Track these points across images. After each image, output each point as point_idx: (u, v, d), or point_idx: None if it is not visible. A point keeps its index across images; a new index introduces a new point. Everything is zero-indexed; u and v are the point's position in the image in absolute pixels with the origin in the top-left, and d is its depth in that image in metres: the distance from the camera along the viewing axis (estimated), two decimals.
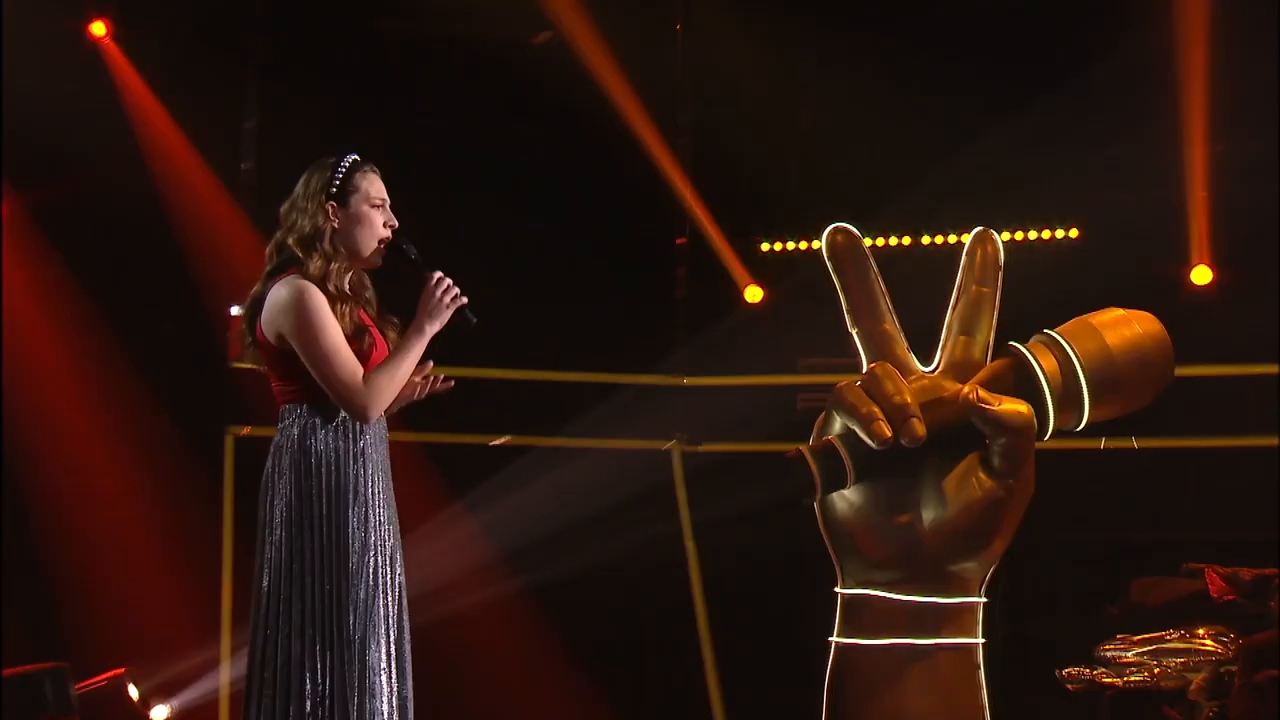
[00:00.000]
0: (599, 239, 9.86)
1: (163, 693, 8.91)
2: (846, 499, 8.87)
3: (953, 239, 9.68)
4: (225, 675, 8.74)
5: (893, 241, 9.85)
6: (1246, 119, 9.32)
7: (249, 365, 4.20)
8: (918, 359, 8.43)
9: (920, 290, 8.32)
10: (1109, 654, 8.89)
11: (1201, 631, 8.93)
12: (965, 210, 9.48)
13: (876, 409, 8.43)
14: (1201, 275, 9.43)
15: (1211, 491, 9.58)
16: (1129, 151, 9.33)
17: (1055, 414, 8.76)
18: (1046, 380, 8.80)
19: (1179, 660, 8.79)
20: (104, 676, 8.72)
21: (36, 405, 9.53)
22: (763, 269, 10.16)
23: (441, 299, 4.09)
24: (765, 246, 10.22)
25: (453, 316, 4.07)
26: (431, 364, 4.34)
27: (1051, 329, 8.88)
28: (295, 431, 4.05)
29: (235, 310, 9.52)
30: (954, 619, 8.57)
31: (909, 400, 8.11)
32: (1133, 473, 9.21)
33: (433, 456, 9.49)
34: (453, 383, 4.33)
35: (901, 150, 9.47)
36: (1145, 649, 8.86)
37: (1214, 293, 9.41)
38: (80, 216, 9.44)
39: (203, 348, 9.52)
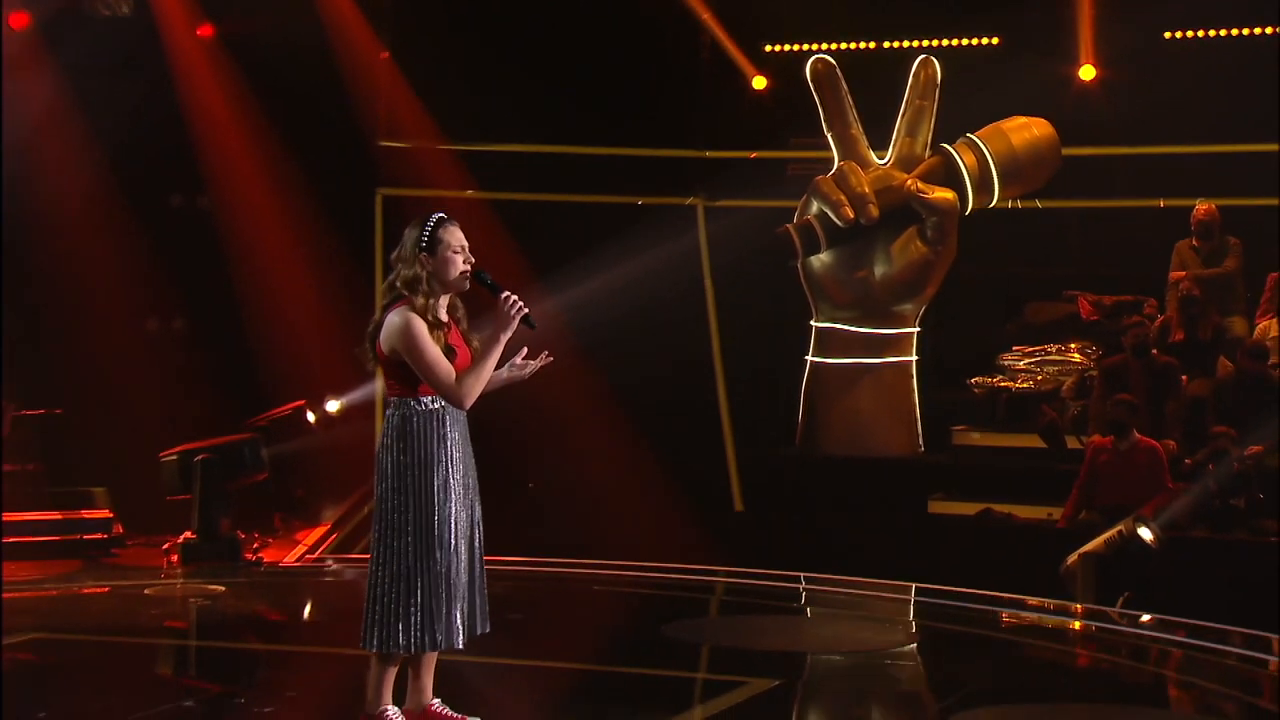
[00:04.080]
0: (631, 34, 9.67)
1: (335, 394, 9.08)
2: (820, 260, 9.13)
3: (903, 44, 9.68)
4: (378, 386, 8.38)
5: (860, 46, 9.83)
6: None
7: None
8: (875, 152, 8.38)
9: (879, 80, 8.32)
10: (1006, 363, 9.07)
11: (1073, 346, 9.09)
12: (916, 22, 9.54)
13: (844, 197, 8.69)
14: (1087, 72, 9.42)
15: (1091, 238, 9.69)
16: None
17: (974, 197, 8.88)
18: (967, 172, 8.97)
19: (1055, 369, 8.95)
20: (288, 406, 8.90)
21: (230, 193, 9.47)
22: (765, 64, 10.08)
23: (509, 313, 4.21)
24: (768, 48, 10.16)
25: (520, 323, 4.20)
26: (545, 358, 4.46)
27: (972, 133, 8.93)
28: (398, 418, 4.27)
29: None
30: (895, 344, 8.84)
31: (867, 190, 8.32)
32: (1035, 225, 9.25)
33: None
34: (551, 358, 4.47)
35: None
36: (1032, 359, 9.03)
37: (1097, 88, 9.42)
38: (260, 42, 9.33)
39: (355, 128, 9.47)
